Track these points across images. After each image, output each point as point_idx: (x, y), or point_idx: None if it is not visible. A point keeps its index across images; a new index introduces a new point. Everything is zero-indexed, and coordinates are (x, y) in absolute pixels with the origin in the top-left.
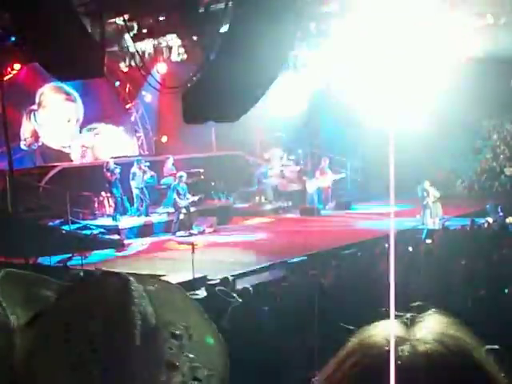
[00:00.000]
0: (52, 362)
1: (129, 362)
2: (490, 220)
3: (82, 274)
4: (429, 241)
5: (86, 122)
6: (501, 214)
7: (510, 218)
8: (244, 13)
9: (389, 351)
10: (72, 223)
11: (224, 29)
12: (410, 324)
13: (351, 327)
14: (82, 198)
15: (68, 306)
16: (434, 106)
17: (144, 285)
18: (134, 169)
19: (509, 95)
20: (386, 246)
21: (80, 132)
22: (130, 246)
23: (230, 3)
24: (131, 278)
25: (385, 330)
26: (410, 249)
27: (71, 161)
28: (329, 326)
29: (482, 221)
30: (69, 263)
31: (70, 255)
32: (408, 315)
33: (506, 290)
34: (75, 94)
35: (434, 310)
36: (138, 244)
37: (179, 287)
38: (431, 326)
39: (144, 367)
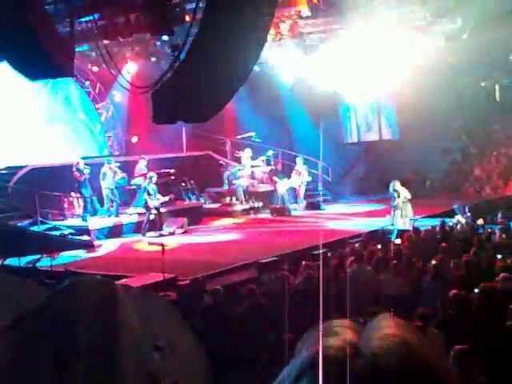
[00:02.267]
0: (36, 363)
1: (112, 369)
2: (462, 220)
3: (68, 278)
4: (398, 241)
5: (54, 120)
6: (468, 214)
7: (480, 219)
8: (214, 13)
9: (346, 366)
10: (41, 224)
11: (194, 29)
12: (362, 329)
13: None
14: (51, 199)
15: (54, 310)
16: (404, 107)
17: (130, 294)
18: (105, 169)
19: (478, 96)
20: (357, 246)
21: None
22: (100, 247)
23: (201, 4)
24: (118, 286)
25: (338, 339)
26: (380, 249)
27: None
28: (300, 325)
29: (452, 221)
30: (38, 264)
31: (39, 256)
32: (361, 320)
33: (476, 290)
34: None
35: (386, 313)
36: (108, 245)
37: (164, 299)
38: (384, 332)
39: (126, 377)
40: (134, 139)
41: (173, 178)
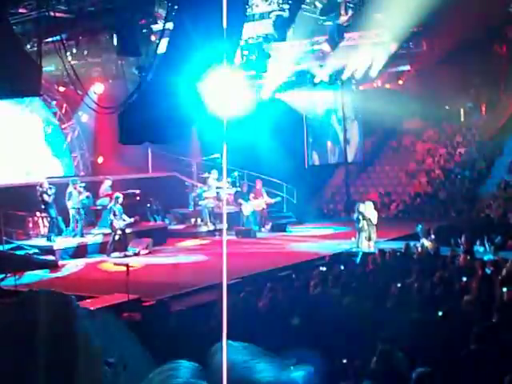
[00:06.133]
0: None
1: (68, 380)
2: (427, 243)
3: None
4: (363, 263)
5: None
6: (433, 237)
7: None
8: (181, 35)
9: None
10: (6, 243)
11: (161, 50)
12: None
13: None
14: (15, 218)
15: (14, 318)
16: (368, 129)
17: (86, 310)
18: (70, 189)
19: (441, 120)
20: (321, 269)
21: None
22: (64, 267)
23: (168, 25)
24: (74, 298)
25: None
26: (345, 272)
27: None
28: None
29: (417, 244)
30: (2, 283)
31: (3, 275)
32: None
33: (440, 313)
34: None
35: None
36: (72, 265)
37: (116, 317)
38: None
39: None
40: (100, 160)
41: (138, 198)
